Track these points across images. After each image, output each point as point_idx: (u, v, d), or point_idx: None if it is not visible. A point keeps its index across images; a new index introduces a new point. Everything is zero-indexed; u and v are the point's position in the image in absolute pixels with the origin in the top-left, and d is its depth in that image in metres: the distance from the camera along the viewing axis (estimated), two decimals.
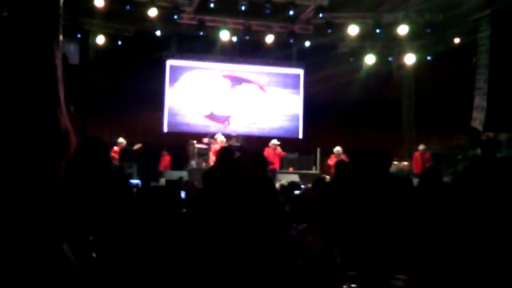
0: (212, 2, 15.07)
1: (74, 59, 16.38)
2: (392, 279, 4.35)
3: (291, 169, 16.13)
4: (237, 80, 18.46)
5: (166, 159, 15.98)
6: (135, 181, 11.61)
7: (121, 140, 14.84)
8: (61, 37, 14.54)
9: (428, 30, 16.47)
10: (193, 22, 16.77)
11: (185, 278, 5.89)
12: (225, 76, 18.40)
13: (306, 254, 4.92)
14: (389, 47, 18.32)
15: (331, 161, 15.47)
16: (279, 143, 15.03)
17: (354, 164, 5.85)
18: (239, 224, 5.33)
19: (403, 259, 5.28)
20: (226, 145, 14.05)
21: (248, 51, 18.12)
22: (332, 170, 15.25)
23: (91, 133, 14.79)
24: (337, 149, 15.12)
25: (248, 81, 18.54)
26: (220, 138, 14.96)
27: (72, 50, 16.30)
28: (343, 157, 15.01)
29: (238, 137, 16.66)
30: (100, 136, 15.71)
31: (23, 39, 1.66)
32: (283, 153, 14.97)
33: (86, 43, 16.93)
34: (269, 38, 17.50)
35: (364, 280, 4.22)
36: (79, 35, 16.41)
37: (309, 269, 4.96)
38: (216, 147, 13.78)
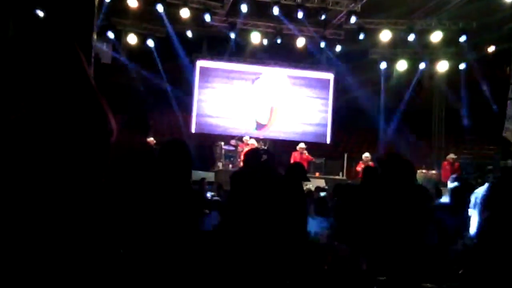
0: (244, 5, 15.15)
1: (107, 58, 16.63)
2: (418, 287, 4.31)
3: (317, 174, 16.08)
4: (267, 83, 18.48)
5: None
6: None
7: (150, 139, 14.95)
8: (94, 36, 14.77)
9: (461, 38, 16.29)
10: (224, 24, 16.88)
11: (209, 277, 5.92)
12: (254, 79, 18.44)
13: (332, 259, 4.91)
14: (421, 54, 18.13)
15: (359, 167, 15.38)
16: (305, 147, 15.01)
17: (379, 172, 5.82)
18: (265, 226, 5.34)
19: (430, 268, 5.22)
20: (254, 147, 14.09)
21: (278, 54, 18.14)
22: (360, 176, 15.13)
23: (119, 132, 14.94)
24: (366, 155, 15.03)
25: (278, 85, 18.55)
26: (249, 141, 15.02)
27: (105, 50, 16.55)
28: (371, 164, 14.92)
29: (266, 140, 16.68)
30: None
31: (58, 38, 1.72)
32: (310, 157, 14.92)
33: (118, 43, 17.15)
34: (300, 42, 17.49)
35: (393, 285, 4.20)
36: (112, 35, 16.63)
37: (335, 274, 4.95)
38: (245, 149, 13.84)
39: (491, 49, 16.76)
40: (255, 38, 17.14)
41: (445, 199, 8.93)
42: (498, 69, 16.73)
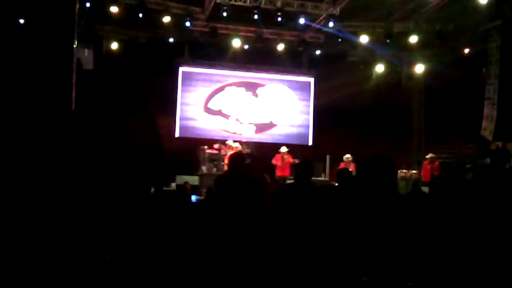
0: (224, 10, 15.29)
1: (88, 65, 16.63)
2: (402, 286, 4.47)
3: None
4: (248, 88, 18.62)
5: None
6: None
7: None
8: (75, 43, 14.79)
9: (438, 40, 16.59)
10: (205, 30, 17.01)
11: (195, 280, 6.03)
12: (236, 83, 18.56)
13: (314, 259, 5.04)
14: (399, 56, 18.41)
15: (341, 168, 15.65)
16: (288, 149, 15.20)
17: (361, 173, 5.96)
18: (250, 229, 5.46)
19: (412, 266, 5.40)
20: (237, 151, 14.22)
21: (259, 58, 18.28)
22: None
23: None
24: (347, 156, 15.29)
25: (259, 88, 18.70)
26: (232, 145, 15.14)
27: (87, 56, 16.56)
28: (352, 165, 15.17)
29: (249, 143, 16.81)
30: None
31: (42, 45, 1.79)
32: (292, 160, 15.08)
33: (100, 49, 17.17)
34: (280, 46, 17.68)
35: (377, 286, 4.34)
36: (93, 42, 16.66)
37: (317, 275, 5.09)
38: (229, 152, 13.99)
39: (468, 50, 17.08)
40: (236, 43, 17.30)
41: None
42: (475, 69, 17.05)
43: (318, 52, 18.06)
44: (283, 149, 15.22)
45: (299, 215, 5.66)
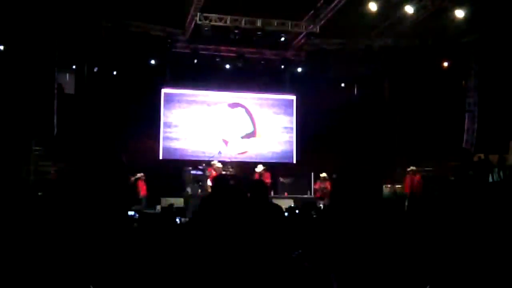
0: (205, 31, 15.33)
1: (70, 89, 16.55)
2: None
3: (286, 194, 16.33)
4: (231, 107, 18.62)
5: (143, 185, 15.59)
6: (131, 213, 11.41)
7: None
8: (56, 68, 14.71)
9: (418, 54, 16.76)
10: (187, 51, 17.05)
11: None
12: (218, 103, 18.56)
13: (302, 280, 5.00)
14: (380, 72, 18.55)
15: (317, 186, 15.84)
16: (264, 167, 15.36)
17: (337, 189, 5.96)
18: (236, 252, 5.41)
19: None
20: (221, 172, 14.23)
21: (241, 78, 18.31)
22: (317, 195, 15.64)
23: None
24: (323, 175, 15.52)
25: (241, 108, 18.71)
26: (216, 165, 15.11)
27: (68, 80, 16.49)
28: (328, 182, 15.35)
29: (233, 163, 16.77)
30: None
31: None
32: (269, 179, 15.12)
33: (81, 74, 17.08)
34: (262, 65, 17.75)
35: None
36: (74, 66, 16.60)
37: None
38: (213, 173, 14.00)
39: (447, 64, 17.26)
40: (217, 63, 17.35)
41: None
42: (454, 83, 17.24)
43: (299, 69, 18.15)
44: (259, 167, 15.35)
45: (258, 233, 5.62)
